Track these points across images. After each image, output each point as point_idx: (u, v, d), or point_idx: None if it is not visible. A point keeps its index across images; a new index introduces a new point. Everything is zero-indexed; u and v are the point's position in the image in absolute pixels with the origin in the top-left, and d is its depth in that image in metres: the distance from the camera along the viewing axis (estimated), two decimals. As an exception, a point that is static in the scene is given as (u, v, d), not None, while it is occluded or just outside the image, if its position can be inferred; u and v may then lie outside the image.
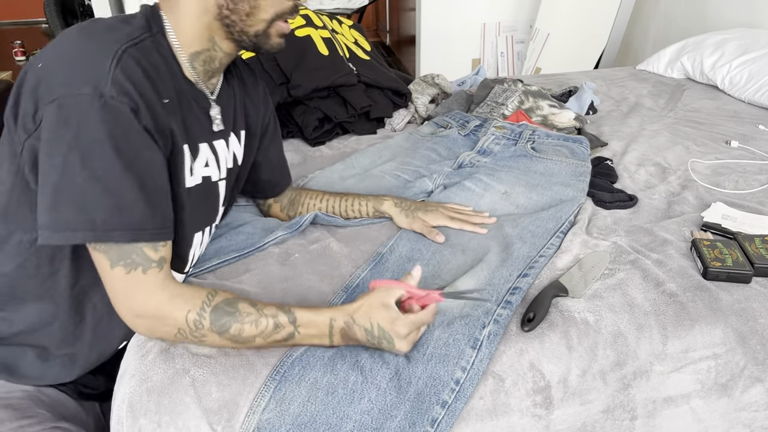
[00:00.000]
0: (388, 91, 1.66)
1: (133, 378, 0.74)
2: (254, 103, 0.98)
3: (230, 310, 0.74)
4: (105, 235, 0.67)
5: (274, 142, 1.06)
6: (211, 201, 0.88)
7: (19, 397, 0.79)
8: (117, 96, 0.66)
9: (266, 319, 0.75)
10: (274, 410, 0.71)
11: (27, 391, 0.81)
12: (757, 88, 1.79)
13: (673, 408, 0.85)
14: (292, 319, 0.76)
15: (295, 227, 1.05)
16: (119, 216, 0.68)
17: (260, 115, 1.00)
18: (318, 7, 3.43)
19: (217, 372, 0.75)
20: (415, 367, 0.76)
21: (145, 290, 0.71)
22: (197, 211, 0.84)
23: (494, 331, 0.81)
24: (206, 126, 0.84)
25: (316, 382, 0.73)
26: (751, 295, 0.91)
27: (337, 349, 0.78)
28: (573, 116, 1.49)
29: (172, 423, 0.71)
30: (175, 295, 0.73)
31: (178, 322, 0.73)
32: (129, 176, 0.68)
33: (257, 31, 0.80)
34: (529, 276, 0.92)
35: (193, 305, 0.73)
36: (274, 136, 1.06)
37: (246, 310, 0.75)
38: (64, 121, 0.65)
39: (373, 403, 0.72)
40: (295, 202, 1.13)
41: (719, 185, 1.26)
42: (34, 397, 0.81)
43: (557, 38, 2.95)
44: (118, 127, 0.66)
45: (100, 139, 0.65)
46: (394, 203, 1.09)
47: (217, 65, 0.83)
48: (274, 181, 1.10)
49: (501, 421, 0.77)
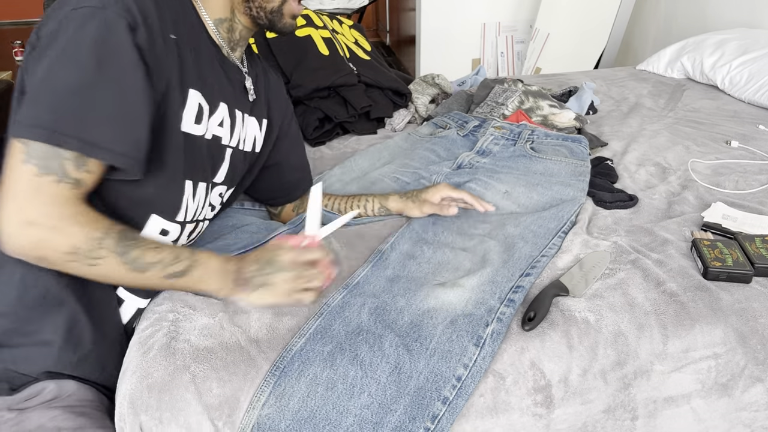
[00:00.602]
0: (388, 91, 1.66)
1: (134, 375, 0.74)
2: (276, 100, 1.02)
3: (134, 235, 0.73)
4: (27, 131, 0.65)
5: (297, 144, 1.10)
6: (215, 159, 0.89)
7: (89, 406, 0.79)
8: (118, 10, 0.67)
9: (168, 248, 0.75)
10: (273, 405, 0.71)
11: (93, 400, 0.80)
12: (757, 88, 1.79)
13: (673, 408, 0.85)
14: (191, 253, 0.76)
15: (297, 222, 1.05)
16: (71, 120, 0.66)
17: (281, 113, 1.03)
18: (318, 7, 3.43)
19: (218, 368, 0.75)
20: (417, 362, 0.76)
21: (51, 199, 0.67)
22: (196, 160, 0.83)
23: (497, 329, 0.81)
24: (228, 90, 0.87)
25: (315, 377, 0.74)
26: (751, 295, 0.91)
27: (336, 344, 0.78)
28: (573, 116, 1.49)
29: (173, 419, 0.71)
30: (82, 213, 0.69)
31: (77, 238, 0.68)
32: (101, 87, 0.67)
33: (273, 7, 0.86)
34: (531, 275, 0.92)
35: (98, 226, 0.70)
36: (297, 138, 1.10)
37: (149, 238, 0.75)
38: (64, 29, 0.66)
39: (373, 398, 0.73)
40: (305, 201, 1.12)
41: (719, 185, 1.26)
42: (99, 406, 0.81)
43: (557, 38, 2.95)
44: (109, 39, 0.66)
45: (87, 45, 0.66)
46: (399, 197, 1.10)
47: (237, 37, 0.88)
48: (296, 183, 1.13)
49: (501, 418, 0.78)
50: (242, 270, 0.77)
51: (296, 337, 0.79)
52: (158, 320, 0.80)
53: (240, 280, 0.77)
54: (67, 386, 0.78)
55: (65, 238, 0.68)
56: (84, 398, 0.79)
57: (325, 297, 0.87)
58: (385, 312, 0.84)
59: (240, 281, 0.77)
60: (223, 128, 0.87)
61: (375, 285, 0.91)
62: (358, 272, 0.94)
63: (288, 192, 1.13)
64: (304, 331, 0.80)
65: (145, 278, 0.74)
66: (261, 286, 0.76)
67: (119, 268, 0.71)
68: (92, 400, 0.80)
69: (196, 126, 0.81)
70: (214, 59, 0.84)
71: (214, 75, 0.84)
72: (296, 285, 0.77)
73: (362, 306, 0.86)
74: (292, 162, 1.10)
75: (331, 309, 0.85)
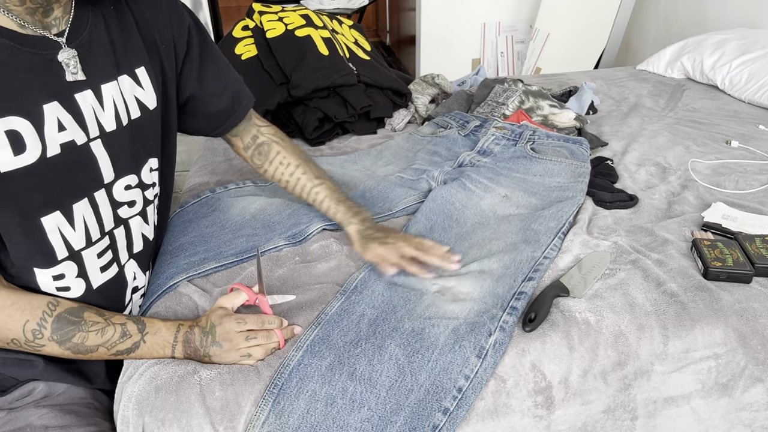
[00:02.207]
0: (388, 91, 1.66)
1: (142, 377, 0.74)
2: (157, 30, 0.80)
3: (74, 319, 0.71)
4: None
5: (208, 66, 0.90)
6: (81, 169, 0.72)
7: (79, 404, 0.79)
8: None
9: (113, 328, 0.73)
10: (273, 423, 0.71)
11: (83, 398, 0.81)
12: (757, 88, 1.79)
13: (673, 408, 0.85)
14: (141, 328, 0.75)
15: (298, 239, 1.03)
16: None
17: (170, 41, 0.83)
18: (318, 7, 3.43)
19: (222, 371, 0.75)
20: (418, 375, 0.76)
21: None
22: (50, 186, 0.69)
23: (500, 339, 0.80)
24: (50, 79, 0.67)
25: (314, 394, 0.73)
26: (751, 295, 0.91)
27: (335, 357, 0.77)
28: (573, 116, 1.49)
29: (175, 421, 0.71)
30: (9, 306, 0.68)
31: (14, 332, 0.68)
32: None
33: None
34: (533, 279, 0.91)
35: (32, 315, 0.69)
36: (205, 60, 0.89)
37: (92, 318, 0.72)
38: None
39: (373, 411, 0.72)
40: (263, 149, 1.01)
41: (719, 185, 1.26)
42: (89, 403, 0.81)
43: (557, 38, 2.95)
44: None
45: None
46: (357, 230, 0.97)
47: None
48: (228, 111, 0.95)
49: (502, 421, 0.77)
50: (190, 341, 0.77)
51: (293, 350, 0.79)
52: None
53: (189, 350, 0.77)
54: (57, 386, 0.79)
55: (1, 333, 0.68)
56: (74, 396, 0.79)
57: (323, 305, 0.87)
58: (384, 321, 0.83)
59: (189, 351, 0.77)
60: (67, 131, 0.69)
61: (372, 290, 0.90)
62: (355, 275, 0.94)
63: (218, 123, 0.96)
64: (301, 343, 0.80)
65: (92, 357, 0.73)
66: (207, 356, 0.77)
67: (63, 352, 0.71)
68: (83, 397, 0.80)
69: (21, 156, 0.64)
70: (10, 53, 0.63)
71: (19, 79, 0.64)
72: (239, 351, 0.76)
73: (361, 316, 0.85)
74: (208, 89, 0.91)
75: (328, 318, 0.84)
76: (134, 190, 0.81)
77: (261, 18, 1.72)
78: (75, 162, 0.71)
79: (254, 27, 1.72)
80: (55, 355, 0.72)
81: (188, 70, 0.88)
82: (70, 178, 0.71)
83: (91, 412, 0.79)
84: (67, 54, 0.68)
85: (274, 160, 1.01)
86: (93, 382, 0.82)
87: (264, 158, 1.01)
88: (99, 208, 0.76)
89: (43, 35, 0.66)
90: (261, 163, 1.02)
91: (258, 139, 1.01)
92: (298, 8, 1.80)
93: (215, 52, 0.93)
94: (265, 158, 1.01)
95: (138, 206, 0.84)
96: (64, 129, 0.68)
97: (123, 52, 0.76)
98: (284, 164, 1.01)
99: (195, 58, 0.88)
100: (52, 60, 0.67)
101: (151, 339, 0.75)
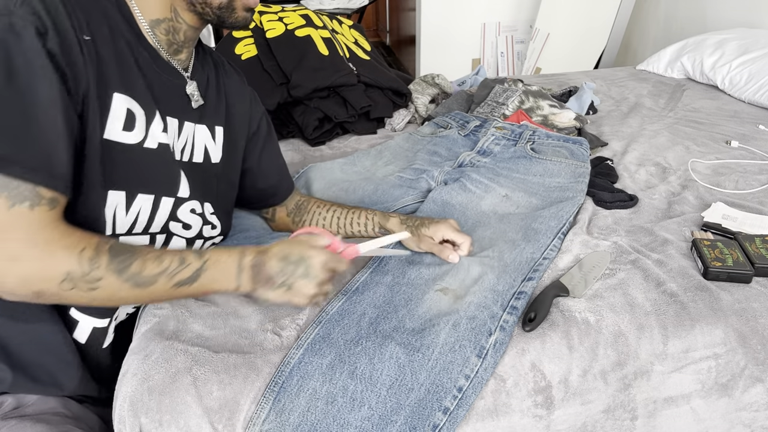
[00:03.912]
0: (388, 91, 1.66)
1: (134, 377, 0.74)
2: (239, 104, 0.94)
3: (130, 247, 0.68)
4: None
5: (268, 148, 1.02)
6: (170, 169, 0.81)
7: (50, 413, 0.79)
8: (23, 14, 0.61)
9: (171, 255, 0.70)
10: (274, 421, 0.71)
11: (53, 408, 0.80)
12: (757, 88, 1.79)
13: (673, 408, 0.85)
14: (199, 255, 0.72)
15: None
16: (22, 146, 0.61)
17: (246, 118, 0.96)
18: (318, 7, 3.43)
19: (219, 370, 0.75)
20: (419, 374, 0.76)
21: (30, 227, 0.61)
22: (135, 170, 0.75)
23: (500, 339, 0.80)
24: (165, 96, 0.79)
25: (315, 392, 0.73)
26: (751, 295, 0.91)
27: (336, 355, 0.77)
28: (573, 116, 1.49)
29: (173, 421, 0.71)
30: (67, 234, 0.64)
31: (69, 262, 0.63)
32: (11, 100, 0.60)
33: (221, 3, 0.77)
34: (533, 279, 0.91)
35: (89, 243, 0.65)
36: (268, 142, 1.01)
37: (147, 248, 0.70)
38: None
39: (373, 410, 0.72)
40: (302, 208, 1.09)
41: (719, 185, 1.26)
42: (60, 412, 0.80)
43: (557, 38, 2.95)
44: (17, 48, 0.61)
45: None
46: (400, 220, 1.01)
47: (182, 38, 0.80)
48: (272, 189, 1.06)
49: (502, 421, 0.77)
50: (264, 266, 0.73)
51: (294, 348, 0.78)
52: (158, 323, 0.80)
53: (260, 277, 0.73)
54: (27, 397, 0.79)
55: (55, 266, 0.63)
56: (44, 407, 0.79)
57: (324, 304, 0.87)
58: (385, 321, 0.84)
59: (260, 279, 0.73)
60: (168, 135, 0.79)
61: (374, 291, 0.90)
62: (357, 278, 0.94)
63: (264, 199, 1.06)
64: (302, 341, 0.80)
65: (151, 292, 0.69)
66: (284, 287, 0.74)
67: (122, 285, 0.67)
68: (53, 407, 0.80)
69: (127, 133, 0.73)
70: (148, 63, 0.76)
71: (147, 79, 0.76)
72: (319, 290, 0.75)
73: (362, 315, 0.85)
74: (263, 168, 1.01)
75: (329, 317, 0.84)
76: (197, 217, 0.86)
77: (261, 18, 1.72)
78: (164, 162, 0.79)
79: (254, 27, 1.72)
80: (113, 292, 0.67)
81: (252, 146, 0.99)
82: (152, 171, 0.78)
83: (63, 420, 0.79)
84: (192, 87, 0.83)
85: (311, 209, 1.08)
86: (64, 388, 0.80)
87: (303, 211, 1.08)
88: (158, 210, 0.80)
89: (171, 64, 0.80)
90: (300, 218, 1.08)
91: (299, 201, 1.10)
92: (298, 8, 1.80)
93: (276, 141, 1.06)
94: (304, 211, 1.08)
95: (191, 232, 0.86)
96: (166, 132, 0.78)
97: (217, 111, 0.89)
98: (321, 206, 1.08)
99: (261, 138, 1.00)
100: (182, 88, 0.82)
101: (212, 266, 0.72)
